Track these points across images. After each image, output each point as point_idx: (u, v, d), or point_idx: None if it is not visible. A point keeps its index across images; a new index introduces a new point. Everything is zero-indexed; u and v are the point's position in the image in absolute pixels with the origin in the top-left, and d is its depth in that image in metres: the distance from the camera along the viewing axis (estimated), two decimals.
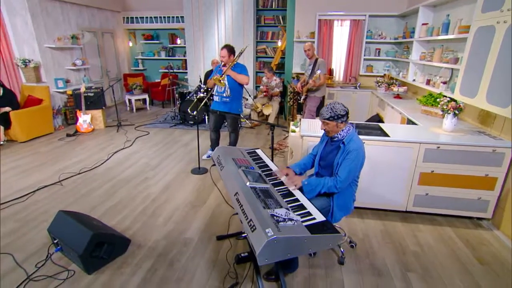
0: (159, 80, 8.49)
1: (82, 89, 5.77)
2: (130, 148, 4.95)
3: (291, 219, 1.68)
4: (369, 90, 6.05)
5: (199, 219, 3.01)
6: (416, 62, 4.80)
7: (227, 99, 3.99)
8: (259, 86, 7.56)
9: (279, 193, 2.04)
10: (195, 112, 4.30)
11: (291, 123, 3.56)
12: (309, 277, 2.28)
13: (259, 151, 2.80)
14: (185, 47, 7.82)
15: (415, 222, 3.01)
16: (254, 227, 1.62)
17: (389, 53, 6.11)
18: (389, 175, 2.97)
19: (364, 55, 6.24)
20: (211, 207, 3.24)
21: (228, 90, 3.96)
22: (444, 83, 3.79)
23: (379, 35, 6.09)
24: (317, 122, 3.48)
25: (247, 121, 6.53)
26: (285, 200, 1.96)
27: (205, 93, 6.03)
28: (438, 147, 2.81)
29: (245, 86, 4.19)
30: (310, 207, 1.91)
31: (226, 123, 4.24)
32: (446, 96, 3.56)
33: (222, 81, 3.79)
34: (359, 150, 2.09)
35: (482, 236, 2.80)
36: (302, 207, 1.92)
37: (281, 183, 2.20)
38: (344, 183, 2.11)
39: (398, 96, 5.03)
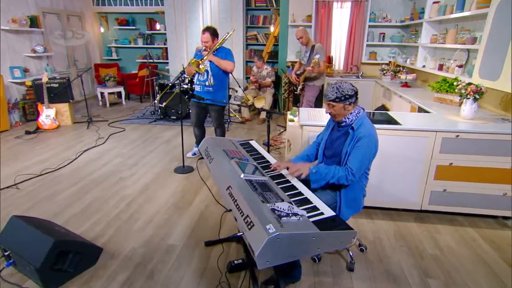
0: (136, 72, 8.31)
1: (44, 79, 5.52)
2: (103, 146, 4.78)
3: (295, 214, 1.56)
4: (373, 80, 6.03)
5: (185, 223, 2.87)
6: (426, 46, 4.78)
7: (210, 88, 3.89)
8: (249, 78, 7.46)
9: (279, 186, 1.92)
10: (163, 104, 4.14)
11: (288, 112, 3.46)
12: (314, 286, 2.16)
13: (253, 143, 2.70)
14: (165, 33, 7.66)
15: (432, 223, 2.94)
16: (251, 224, 1.49)
17: (395, 38, 6.10)
18: (401, 169, 2.89)
19: (367, 41, 6.22)
20: (199, 208, 3.11)
21: (211, 78, 3.86)
22: (460, 66, 3.75)
23: (384, 18, 6.08)
24: (318, 110, 3.39)
25: (236, 115, 6.42)
26: (286, 193, 1.85)
27: (188, 84, 5.91)
28: (457, 136, 2.75)
29: (232, 75, 4.10)
30: (316, 201, 1.80)
31: (210, 116, 4.13)
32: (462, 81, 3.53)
33: (201, 67, 3.67)
34: (370, 137, 1.99)
35: (510, 237, 2.74)
36: (306, 201, 1.81)
37: (281, 176, 2.08)
38: (356, 175, 2.01)
39: (406, 85, 4.99)
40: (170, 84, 5.47)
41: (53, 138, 5.17)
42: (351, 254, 2.42)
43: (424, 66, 4.79)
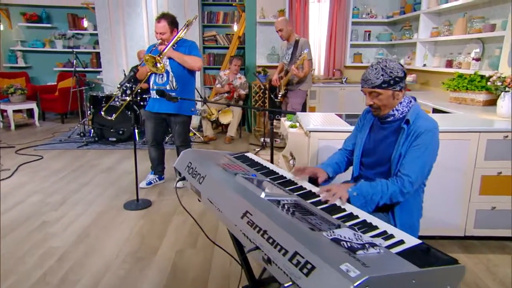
0: (55, 83, 7.67)
1: None
2: (10, 181, 4.14)
3: (372, 245, 1.19)
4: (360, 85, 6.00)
5: (152, 280, 2.35)
6: (425, 41, 4.83)
7: (173, 94, 3.60)
8: (209, 88, 7.15)
9: (319, 207, 1.58)
10: (113, 116, 3.71)
11: (283, 118, 3.15)
12: None
13: (251, 155, 2.35)
14: (96, 33, 7.15)
15: (483, 252, 2.73)
16: (309, 266, 1.10)
17: (382, 36, 6.21)
18: (436, 183, 2.65)
19: (351, 40, 6.25)
20: (169, 257, 2.63)
21: (173, 81, 3.59)
22: (477, 60, 3.75)
23: (368, 14, 6.18)
24: (322, 114, 3.14)
25: (197, 134, 6.01)
26: (334, 216, 1.49)
27: (130, 95, 5.44)
28: (506, 137, 2.61)
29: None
30: (381, 223, 1.47)
31: (170, 131, 3.84)
32: (482, 75, 3.51)
33: (159, 66, 3.31)
34: (434, 131, 1.75)
35: None
36: (367, 224, 1.47)
37: (312, 193, 1.74)
38: (416, 184, 1.75)
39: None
40: (117, 91, 4.90)
41: None
42: None
43: (425, 65, 4.82)
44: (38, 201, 3.60)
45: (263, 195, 1.55)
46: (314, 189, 1.78)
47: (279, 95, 4.66)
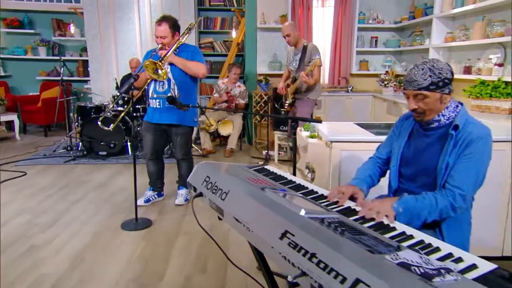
0: (37, 93, 7.53)
1: None
2: None
3: (447, 270, 1.07)
4: (369, 94, 6.01)
5: None
6: (439, 47, 4.81)
7: None
8: (207, 97, 7.06)
9: (366, 225, 1.48)
10: (111, 126, 3.58)
11: (300, 128, 3.04)
12: None
13: (271, 168, 2.24)
14: (83, 40, 7.06)
15: None
16: None
17: (390, 42, 6.22)
18: None
19: (357, 47, 6.23)
20: (177, 282, 2.49)
21: (175, 88, 3.50)
22: (500, 65, 3.71)
23: (375, 19, 6.18)
24: (340, 123, 3.06)
25: (194, 147, 5.87)
26: (387, 235, 1.39)
27: (125, 106, 5.33)
28: None
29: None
30: (443, 245, 1.36)
31: (171, 143, 3.64)
32: (506, 82, 3.46)
33: (160, 72, 3.21)
34: (488, 138, 1.67)
35: None
36: (426, 246, 1.37)
37: (352, 210, 1.63)
38: (467, 198, 1.66)
39: None
40: (113, 100, 4.78)
41: None
42: None
43: None
44: (24, 222, 3.42)
45: (302, 212, 1.43)
46: (352, 204, 1.68)
47: (286, 104, 4.56)
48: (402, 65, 6.09)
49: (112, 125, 3.50)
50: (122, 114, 3.58)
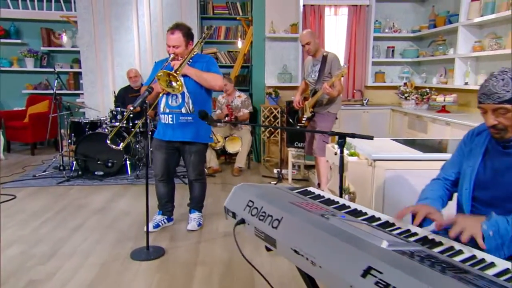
0: (24, 108, 7.41)
1: None
2: None
3: None
4: (387, 107, 5.96)
5: None
6: (466, 57, 4.77)
7: (189, 118, 3.43)
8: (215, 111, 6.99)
9: (458, 259, 1.35)
10: (121, 145, 3.45)
11: (330, 145, 2.92)
12: None
13: (314, 189, 2.12)
14: (75, 51, 6.97)
15: None
16: None
17: (407, 52, 6.20)
18: None
19: (372, 57, 6.20)
20: None
21: (190, 102, 3.40)
22: None
23: (391, 28, 6.16)
24: (381, 139, 2.95)
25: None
26: (488, 271, 1.27)
27: (125, 121, 5.20)
28: None
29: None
30: None
31: (184, 163, 3.66)
32: None
33: (176, 84, 3.10)
34: None
35: None
36: None
37: (430, 240, 1.50)
38: None
39: (443, 110, 4.89)
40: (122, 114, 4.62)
41: None
42: None
43: (466, 83, 4.73)
44: (19, 253, 3.23)
45: (384, 244, 1.30)
46: (418, 229, 1.56)
47: (304, 119, 4.46)
48: (422, 76, 6.05)
49: (122, 143, 3.36)
50: (134, 130, 3.45)
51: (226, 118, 5.74)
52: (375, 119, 5.88)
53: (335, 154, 2.41)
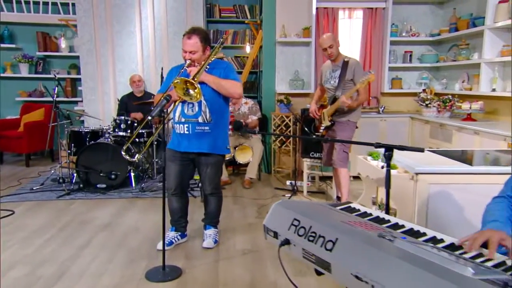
0: (18, 117, 7.35)
1: None
2: None
3: None
4: (406, 115, 5.90)
5: None
6: (493, 62, 4.71)
7: (206, 128, 3.35)
8: None
9: None
10: (136, 157, 3.35)
11: (361, 156, 2.83)
12: None
13: (358, 205, 2.04)
14: (74, 56, 6.91)
15: None
16: None
17: (426, 57, 6.16)
18: None
19: (389, 62, 6.15)
20: None
21: (207, 111, 3.33)
22: None
23: (408, 32, 6.12)
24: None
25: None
26: None
27: (128, 130, 5.12)
28: None
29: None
30: None
31: (200, 176, 3.60)
32: None
33: (194, 91, 3.02)
34: None
35: None
36: None
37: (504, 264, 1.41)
38: None
39: (469, 118, 4.82)
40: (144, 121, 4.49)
41: None
42: None
43: (494, 90, 4.67)
44: (23, 275, 3.11)
45: (469, 272, 1.19)
46: (502, 257, 1.46)
47: (322, 128, 4.37)
48: (442, 82, 5.98)
49: (137, 155, 3.26)
50: (150, 140, 3.36)
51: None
52: (393, 127, 5.80)
53: (382, 168, 2.31)
